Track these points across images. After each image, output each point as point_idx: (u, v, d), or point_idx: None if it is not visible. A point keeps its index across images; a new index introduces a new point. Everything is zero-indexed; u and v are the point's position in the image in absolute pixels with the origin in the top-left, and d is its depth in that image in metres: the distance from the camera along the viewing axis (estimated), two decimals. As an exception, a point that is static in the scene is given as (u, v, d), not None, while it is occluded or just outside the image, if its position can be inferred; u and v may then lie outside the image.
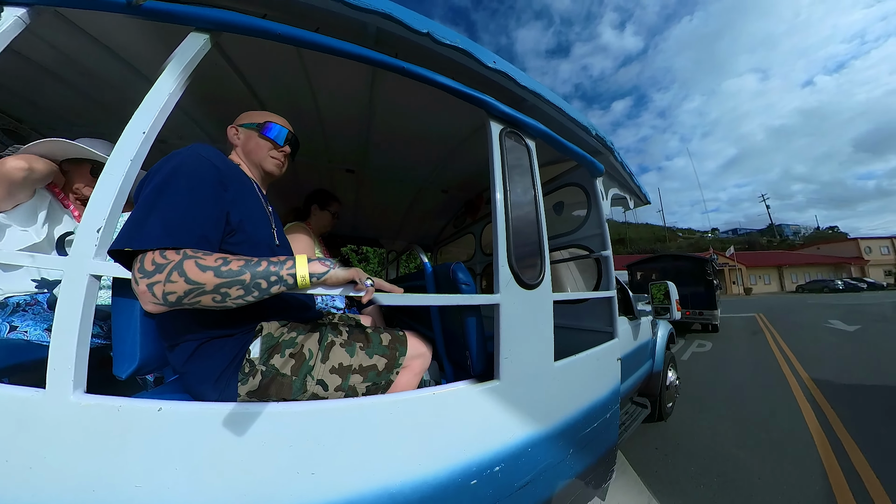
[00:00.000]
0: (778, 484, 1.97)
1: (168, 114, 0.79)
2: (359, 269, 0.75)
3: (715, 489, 1.95)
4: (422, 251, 1.43)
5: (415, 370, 1.02)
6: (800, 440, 2.51)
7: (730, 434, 2.66)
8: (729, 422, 2.90)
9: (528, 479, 1.06)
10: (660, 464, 2.25)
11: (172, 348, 0.79)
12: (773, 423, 2.82)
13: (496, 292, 1.05)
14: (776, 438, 2.55)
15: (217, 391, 0.75)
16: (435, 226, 3.66)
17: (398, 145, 1.92)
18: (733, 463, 2.22)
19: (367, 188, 2.52)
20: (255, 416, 0.70)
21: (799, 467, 2.15)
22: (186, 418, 0.67)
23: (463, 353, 1.13)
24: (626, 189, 2.51)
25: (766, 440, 2.52)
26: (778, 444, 2.45)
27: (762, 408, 3.19)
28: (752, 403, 3.31)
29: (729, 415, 3.05)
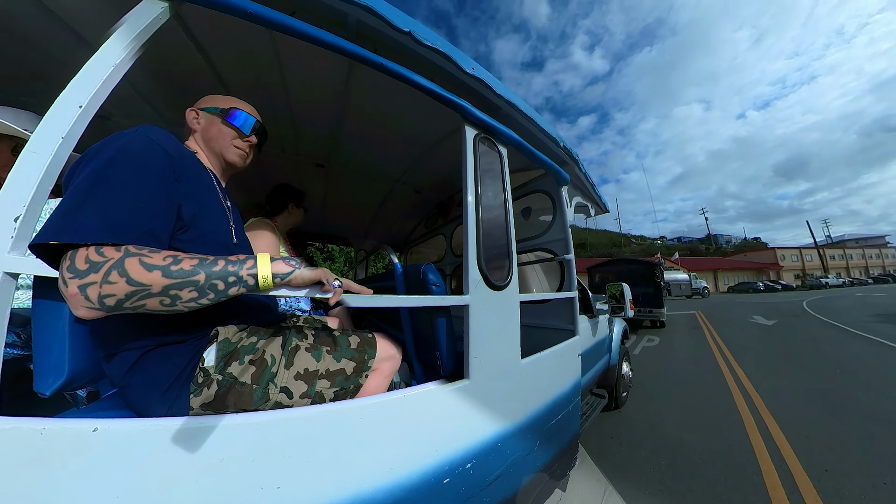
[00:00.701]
0: (715, 458, 2.26)
1: (113, 87, 0.70)
2: (326, 269, 0.72)
3: (664, 470, 2.15)
4: (392, 251, 1.42)
5: (384, 373, 1.01)
6: (732, 419, 2.88)
7: (675, 418, 2.96)
8: (674, 407, 3.23)
9: (498, 473, 1.09)
10: (615, 451, 2.42)
11: (110, 358, 0.69)
12: (710, 406, 3.20)
13: (466, 293, 1.06)
14: (713, 419, 2.90)
15: (165, 405, 0.68)
16: (406, 226, 3.61)
17: (371, 142, 1.87)
18: (678, 444, 2.47)
19: (336, 184, 2.41)
20: (211, 430, 0.64)
21: (731, 442, 2.48)
22: (129, 438, 0.59)
23: (433, 353, 1.13)
24: (589, 198, 2.68)
25: (705, 422, 2.86)
26: (714, 424, 2.79)
27: (701, 393, 3.62)
28: (693, 390, 3.72)
29: (674, 401, 3.39)
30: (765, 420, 2.84)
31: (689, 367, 4.79)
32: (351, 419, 0.79)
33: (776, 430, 2.63)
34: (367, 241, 3.78)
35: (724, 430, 2.68)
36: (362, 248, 3.97)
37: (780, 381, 3.97)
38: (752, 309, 13.63)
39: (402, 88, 1.04)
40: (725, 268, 50.19)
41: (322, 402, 0.82)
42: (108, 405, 0.83)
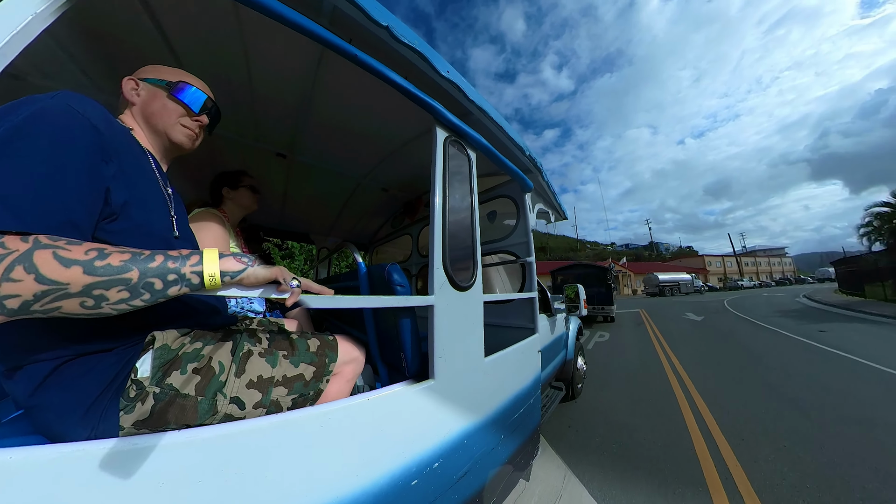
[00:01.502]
0: (658, 438, 2.56)
1: (30, 40, 0.59)
2: (283, 267, 0.68)
3: (615, 453, 2.36)
4: (356, 250, 1.37)
5: (347, 376, 0.97)
6: (670, 403, 3.30)
7: (623, 405, 3.29)
8: (623, 395, 3.58)
9: (465, 470, 1.11)
10: (572, 438, 2.61)
11: (13, 373, 0.57)
12: (652, 392, 3.63)
13: (431, 294, 1.06)
14: (655, 403, 3.30)
15: (88, 426, 0.58)
16: (372, 224, 3.50)
17: (339, 136, 1.78)
18: (627, 429, 2.73)
19: (299, 177, 2.24)
20: (148, 452, 0.57)
21: (669, 422, 2.85)
22: (42, 469, 0.49)
23: (398, 354, 1.12)
24: (550, 205, 2.83)
25: (648, 406, 3.23)
26: (656, 409, 3.16)
27: (645, 381, 4.08)
28: (638, 379, 4.17)
29: (622, 389, 3.75)
30: (695, 401, 3.32)
31: (634, 359, 5.32)
32: (311, 427, 0.75)
33: (704, 409, 3.10)
34: (330, 238, 3.57)
35: (664, 412, 3.05)
36: (325, 246, 3.74)
37: (707, 366, 4.62)
38: (685, 307, 15.44)
39: (375, 84, 1.00)
40: (664, 271, 55.93)
41: (279, 411, 0.77)
42: (10, 431, 0.70)
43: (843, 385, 3.61)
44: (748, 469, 2.09)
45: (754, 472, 2.06)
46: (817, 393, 3.39)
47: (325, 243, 3.69)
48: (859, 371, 4.15)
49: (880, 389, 3.44)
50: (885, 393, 3.34)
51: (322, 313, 2.26)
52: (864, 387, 3.53)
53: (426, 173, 1.19)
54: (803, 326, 8.12)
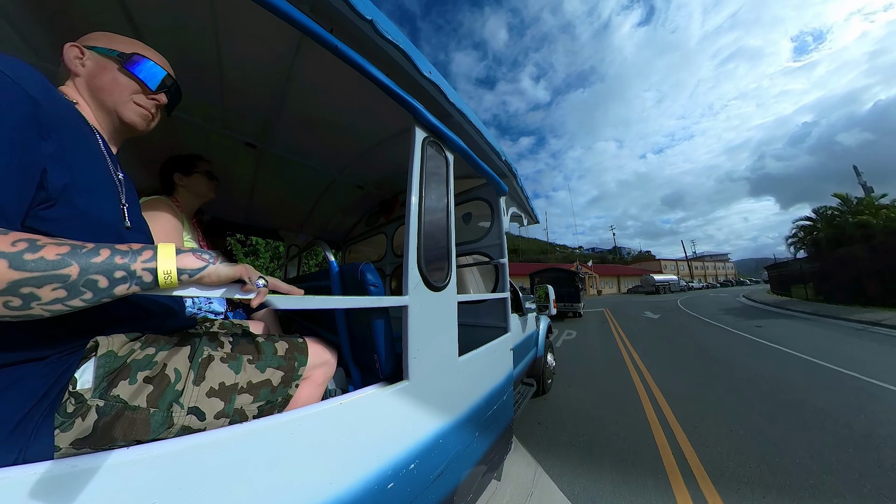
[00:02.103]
0: (622, 429, 2.74)
1: None
2: (248, 265, 0.64)
3: (582, 446, 2.48)
4: (328, 248, 1.32)
5: (318, 380, 0.93)
6: (631, 396, 3.53)
7: (590, 400, 3.47)
8: (589, 389, 3.81)
9: (441, 469, 1.11)
10: (542, 434, 2.71)
11: None
12: (615, 386, 3.89)
13: (405, 294, 1.05)
14: (618, 396, 3.54)
15: (14, 449, 0.50)
16: (346, 222, 3.39)
17: (314, 128, 1.70)
18: (594, 422, 2.91)
19: (269, 169, 2.11)
20: (91, 474, 0.50)
21: (631, 413, 3.06)
22: None
23: (371, 356, 1.10)
24: (523, 209, 2.91)
25: (612, 400, 3.42)
26: (619, 401, 3.37)
27: (609, 375, 4.35)
28: (603, 374, 4.45)
29: (589, 384, 3.99)
30: (654, 393, 3.58)
31: (599, 355, 5.64)
32: (280, 436, 0.71)
33: (661, 400, 3.37)
34: (301, 235, 3.40)
35: (627, 405, 3.26)
36: (295, 244, 3.54)
37: (663, 361, 5.02)
38: (644, 307, 16.55)
39: (355, 78, 0.97)
40: (626, 274, 60.67)
41: (244, 420, 0.72)
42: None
43: (777, 374, 4.07)
44: (700, 453, 2.30)
45: (705, 455, 2.28)
46: (756, 382, 3.78)
47: (296, 241, 3.51)
48: (790, 361, 4.68)
49: (807, 377, 3.91)
50: (810, 380, 3.80)
51: (291, 314, 2.16)
52: (794, 375, 4.01)
53: (403, 172, 1.18)
54: (743, 322, 9.04)
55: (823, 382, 3.70)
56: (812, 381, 3.72)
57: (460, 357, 1.31)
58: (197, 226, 1.50)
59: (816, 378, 3.84)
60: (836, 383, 3.65)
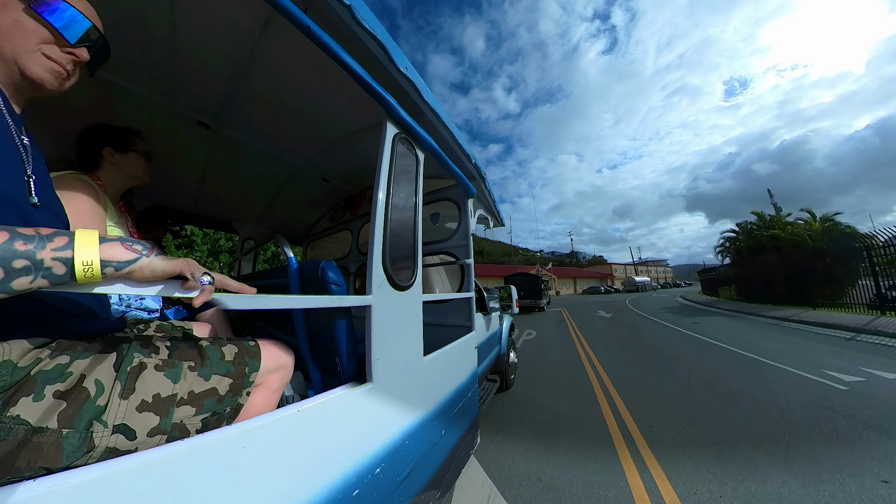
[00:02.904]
0: (579, 415, 3.06)
1: None
2: (191, 259, 0.58)
3: (542, 432, 2.67)
4: (287, 244, 1.23)
5: (273, 386, 0.88)
6: (586, 387, 3.87)
7: (549, 391, 3.77)
8: (548, 383, 4.09)
9: (409, 470, 1.10)
10: (508, 427, 2.85)
11: None
12: (571, 380, 4.18)
13: (369, 293, 1.01)
14: (575, 389, 3.81)
15: None
16: (309, 216, 3.21)
17: (278, 113, 1.58)
18: (552, 411, 3.17)
19: (224, 153, 1.90)
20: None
21: (586, 402, 3.38)
22: None
23: (332, 358, 1.06)
24: (490, 212, 3.00)
25: (569, 391, 3.74)
26: (575, 392, 3.69)
27: (565, 370, 4.71)
28: (560, 369, 4.78)
29: (548, 378, 4.28)
30: (606, 384, 3.94)
31: (557, 352, 5.99)
32: (230, 450, 0.64)
33: (611, 386, 3.83)
34: (258, 229, 3.15)
35: (582, 395, 3.60)
36: (250, 238, 3.26)
37: (614, 355, 5.52)
38: (598, 306, 17.90)
39: (327, 65, 0.92)
40: (581, 276, 65.49)
41: (185, 435, 0.64)
42: None
43: (712, 365, 4.61)
44: (647, 435, 2.59)
45: (651, 436, 2.57)
46: (694, 372, 4.28)
47: (251, 234, 3.25)
48: (722, 354, 5.31)
49: (738, 368, 4.45)
50: (742, 369, 4.32)
51: (244, 315, 2.01)
52: (727, 366, 4.57)
53: (372, 167, 1.15)
54: (682, 319, 10.17)
55: (741, 367, 4.41)
56: (742, 371, 4.28)
57: (425, 356, 1.30)
58: (125, 210, 1.26)
59: (747, 369, 4.38)
60: (751, 368, 4.34)
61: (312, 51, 0.88)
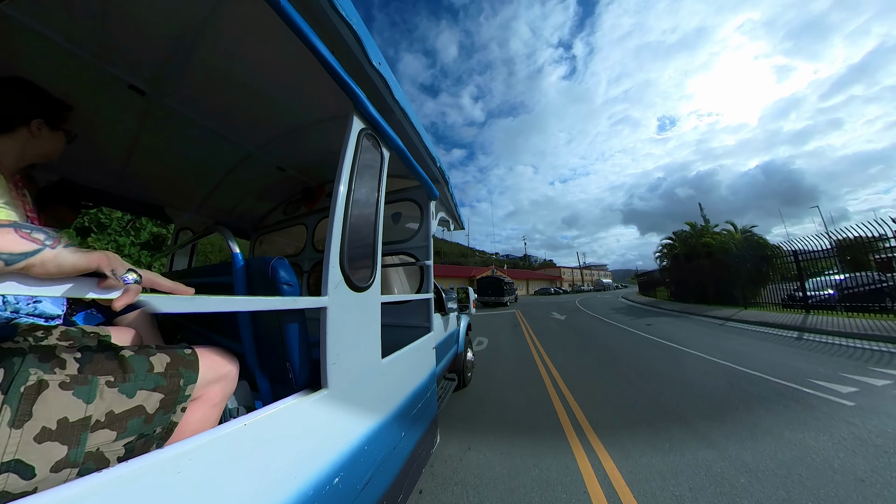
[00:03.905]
0: (531, 407, 3.25)
1: None
2: (110, 252, 0.50)
3: (497, 422, 2.84)
4: (232, 237, 1.11)
5: (213, 400, 0.80)
6: (539, 383, 4.08)
7: (504, 387, 3.96)
8: (504, 380, 4.28)
9: (369, 476, 1.07)
10: (466, 419, 2.97)
11: None
12: (524, 377, 4.37)
13: (324, 294, 0.96)
14: (527, 385, 3.99)
15: None
16: (259, 207, 2.95)
17: (231, 90, 1.41)
18: (507, 402, 3.39)
19: (160, 126, 1.62)
20: None
21: (538, 396, 3.59)
22: None
23: (283, 364, 0.99)
24: (451, 215, 3.05)
25: (521, 387, 3.92)
26: (527, 387, 3.88)
27: (519, 368, 4.92)
28: (514, 367, 4.96)
29: (503, 377, 4.47)
30: (555, 377, 4.26)
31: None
32: (161, 477, 0.55)
33: (561, 382, 4.05)
34: (197, 218, 2.79)
35: (534, 388, 3.82)
36: (187, 228, 2.86)
37: (565, 352, 5.89)
38: (550, 307, 18.63)
39: (294, 47, 0.86)
40: (533, 278, 69.86)
41: (103, 466, 0.55)
42: None
43: (696, 380, 3.92)
44: (594, 424, 2.83)
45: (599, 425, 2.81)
46: (680, 391, 3.98)
47: (189, 224, 2.86)
48: (696, 363, 4.74)
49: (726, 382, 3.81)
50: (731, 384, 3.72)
51: (177, 319, 1.78)
52: (713, 381, 3.88)
53: (333, 160, 1.10)
54: (634, 321, 10.19)
55: (728, 381, 3.82)
56: (720, 381, 3.83)
57: (383, 359, 1.28)
58: (22, 186, 0.93)
59: (720, 376, 4.03)
60: (738, 381, 3.79)
61: (280, 29, 0.82)
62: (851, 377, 3.75)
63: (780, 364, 4.46)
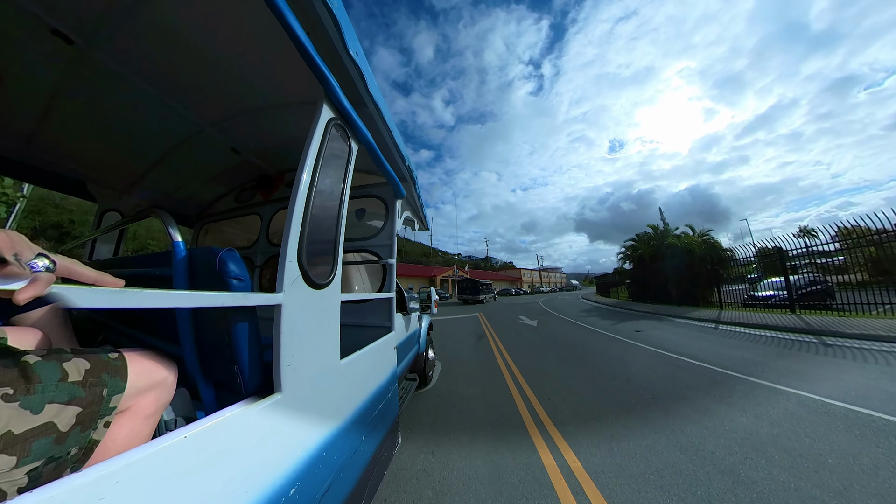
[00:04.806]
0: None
1: None
2: (13, 232, 0.43)
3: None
4: (173, 223, 0.99)
5: (145, 411, 0.71)
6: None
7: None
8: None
9: (329, 483, 1.02)
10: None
11: None
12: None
13: (279, 291, 0.90)
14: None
15: None
16: (206, 192, 2.67)
17: (185, 56, 1.23)
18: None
19: (89, 85, 1.37)
20: None
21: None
22: None
23: (230, 368, 0.91)
24: (416, 215, 3.05)
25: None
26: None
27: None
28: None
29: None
30: (516, 374, 4.39)
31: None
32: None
33: (523, 381, 4.14)
34: (129, 199, 2.42)
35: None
36: (115, 209, 2.43)
37: (524, 354, 5.78)
38: (516, 310, 17.06)
39: (266, 21, 0.80)
40: (495, 279, 72.64)
41: (1, 500, 0.46)
42: None
43: (767, 430, 2.51)
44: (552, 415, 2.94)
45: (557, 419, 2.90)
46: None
47: (117, 204, 2.45)
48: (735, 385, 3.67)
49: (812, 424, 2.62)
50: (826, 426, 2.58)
51: (99, 318, 1.54)
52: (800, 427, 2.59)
53: (297, 149, 1.03)
54: (616, 326, 9.01)
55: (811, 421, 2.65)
56: (809, 427, 2.58)
57: (342, 360, 1.23)
58: None
59: (792, 410, 2.89)
60: (816, 418, 2.69)
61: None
62: None
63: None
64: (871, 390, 3.23)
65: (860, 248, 8.04)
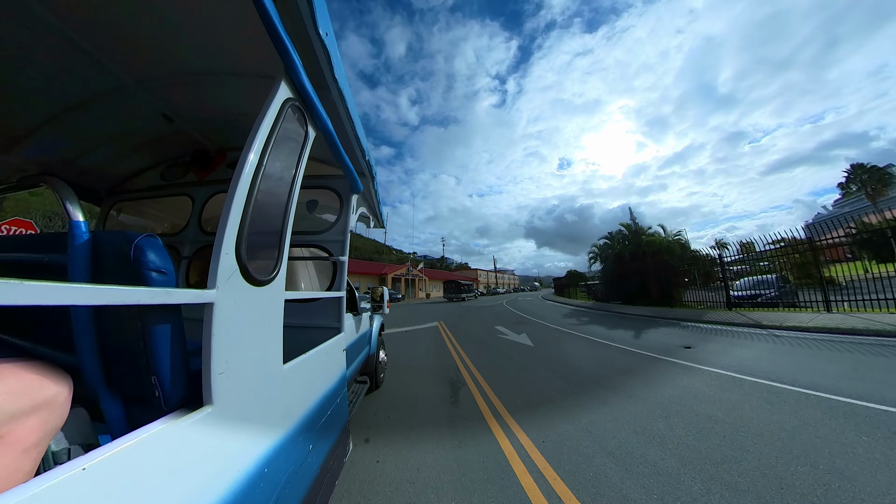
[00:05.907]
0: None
1: None
2: None
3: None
4: (73, 197, 0.81)
5: (23, 442, 0.56)
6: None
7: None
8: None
9: (273, 501, 0.91)
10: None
11: None
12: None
13: (211, 287, 0.78)
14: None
15: None
16: (122, 162, 2.23)
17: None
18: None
19: None
20: None
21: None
22: None
23: (144, 379, 0.77)
24: (372, 212, 2.96)
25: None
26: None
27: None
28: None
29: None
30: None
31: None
32: None
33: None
34: (11, 158, 1.85)
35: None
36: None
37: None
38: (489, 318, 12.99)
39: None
40: (450, 279, 72.99)
41: None
42: None
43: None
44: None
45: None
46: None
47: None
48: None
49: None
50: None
51: None
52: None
53: (244, 125, 0.94)
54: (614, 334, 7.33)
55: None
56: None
57: (285, 364, 1.13)
58: None
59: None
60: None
61: None
62: None
63: None
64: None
65: (786, 256, 9.55)
